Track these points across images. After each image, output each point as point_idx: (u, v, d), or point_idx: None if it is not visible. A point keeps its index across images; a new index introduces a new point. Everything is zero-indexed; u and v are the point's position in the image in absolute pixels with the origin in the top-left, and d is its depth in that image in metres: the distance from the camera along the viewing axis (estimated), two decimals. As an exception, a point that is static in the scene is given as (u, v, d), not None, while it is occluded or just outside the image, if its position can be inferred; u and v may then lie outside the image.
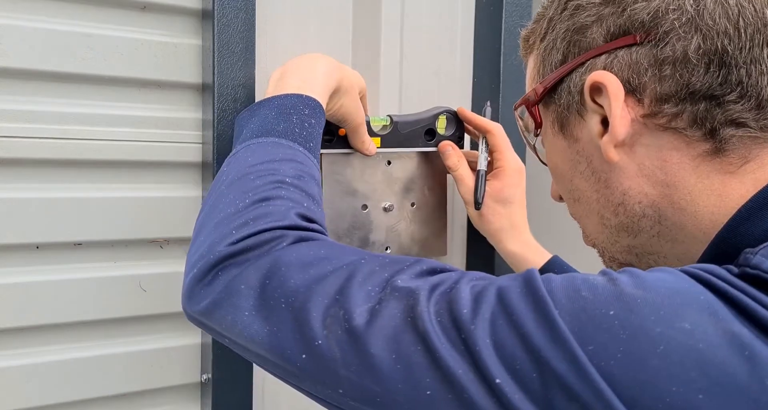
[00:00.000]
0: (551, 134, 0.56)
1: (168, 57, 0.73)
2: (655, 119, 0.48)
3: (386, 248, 0.86)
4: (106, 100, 0.71)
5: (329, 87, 0.67)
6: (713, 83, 0.46)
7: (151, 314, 0.75)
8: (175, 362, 0.76)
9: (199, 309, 0.51)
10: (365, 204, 0.84)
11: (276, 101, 0.63)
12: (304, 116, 0.63)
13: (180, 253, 0.76)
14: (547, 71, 0.54)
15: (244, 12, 0.73)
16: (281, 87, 0.65)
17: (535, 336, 0.38)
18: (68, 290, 0.70)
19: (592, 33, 0.50)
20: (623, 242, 0.54)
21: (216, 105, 0.72)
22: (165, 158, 0.74)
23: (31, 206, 0.68)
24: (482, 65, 0.92)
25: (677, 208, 0.49)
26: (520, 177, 0.83)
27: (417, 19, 0.88)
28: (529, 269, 0.42)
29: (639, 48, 0.48)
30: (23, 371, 0.69)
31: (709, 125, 0.47)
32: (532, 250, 0.82)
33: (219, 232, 0.52)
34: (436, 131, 0.84)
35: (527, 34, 0.58)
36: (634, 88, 0.48)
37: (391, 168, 0.85)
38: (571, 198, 0.57)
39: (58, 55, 0.68)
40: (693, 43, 0.46)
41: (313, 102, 0.64)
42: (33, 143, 0.67)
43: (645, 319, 0.37)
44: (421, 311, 0.41)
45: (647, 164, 0.49)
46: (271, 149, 0.59)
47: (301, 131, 0.62)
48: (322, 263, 0.48)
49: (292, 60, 0.70)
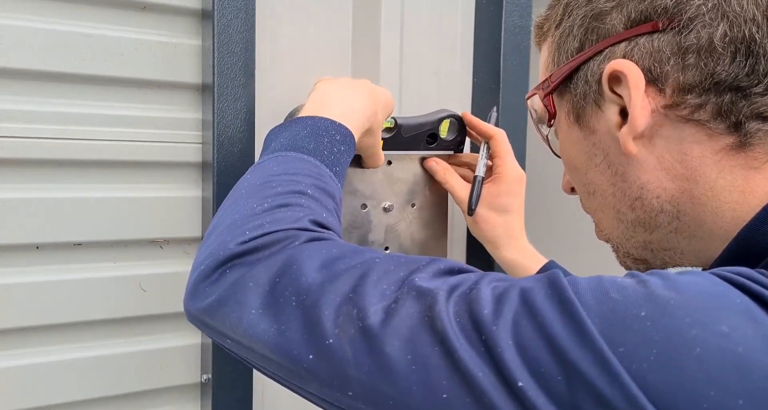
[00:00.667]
0: (566, 125, 0.54)
1: (168, 57, 0.73)
2: (676, 110, 0.46)
3: (385, 248, 0.86)
4: (105, 101, 0.71)
5: (363, 127, 0.66)
6: (739, 73, 0.44)
7: (151, 314, 0.75)
8: (175, 362, 0.76)
9: (203, 306, 0.49)
10: (365, 203, 0.84)
11: (310, 121, 0.62)
12: (335, 141, 0.61)
13: (180, 253, 0.76)
14: (563, 59, 0.52)
15: (244, 12, 0.73)
16: (319, 110, 0.64)
17: (561, 337, 0.36)
18: (68, 291, 0.70)
19: (611, 19, 0.48)
20: (639, 237, 0.52)
21: (216, 105, 0.72)
22: (165, 158, 0.74)
23: (31, 206, 0.68)
24: (482, 65, 0.92)
25: (697, 203, 0.47)
26: (519, 186, 0.82)
27: (417, 19, 0.87)
28: (553, 270, 0.41)
29: (661, 35, 0.46)
30: (23, 371, 0.69)
31: (734, 117, 0.45)
32: (527, 256, 0.81)
33: (232, 232, 0.51)
34: (438, 135, 0.83)
35: (541, 21, 0.56)
36: (655, 77, 0.46)
37: (391, 168, 0.85)
38: (586, 191, 0.55)
39: (58, 55, 0.68)
40: (719, 30, 0.44)
41: (347, 131, 0.63)
42: (33, 143, 0.67)
43: (679, 321, 0.35)
44: (439, 311, 0.40)
45: (667, 158, 0.48)
46: (297, 164, 0.58)
47: (329, 153, 0.60)
48: (336, 262, 0.46)
49: (336, 83, 0.68)
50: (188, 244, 0.76)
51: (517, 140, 0.91)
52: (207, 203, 0.74)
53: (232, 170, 0.74)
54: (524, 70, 0.92)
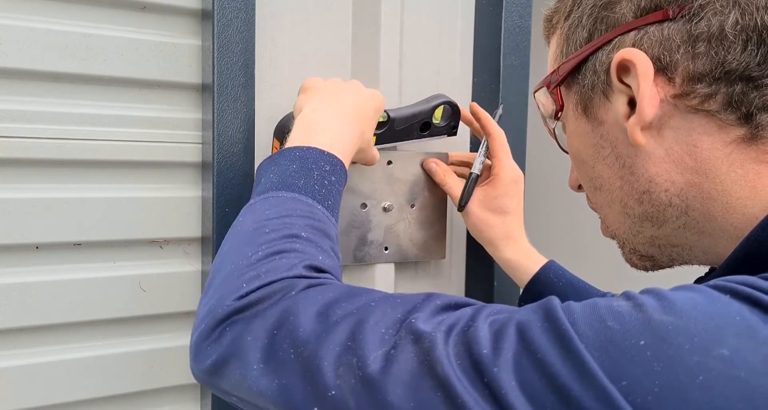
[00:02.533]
0: (573, 117, 0.53)
1: (168, 57, 0.73)
2: (686, 100, 0.45)
3: (385, 248, 0.86)
4: (105, 101, 0.71)
5: (353, 151, 0.66)
6: (751, 63, 0.43)
7: (151, 314, 0.75)
8: (175, 362, 0.76)
9: (206, 367, 0.48)
10: (364, 203, 0.84)
11: (299, 153, 0.61)
12: (324, 173, 0.60)
13: (180, 253, 0.76)
14: (571, 51, 0.51)
15: (244, 12, 0.73)
16: (307, 139, 0.63)
17: (562, 374, 0.35)
18: (68, 291, 0.70)
19: (621, 8, 0.47)
20: (646, 232, 0.51)
21: (216, 105, 0.72)
22: (165, 158, 0.74)
23: (31, 206, 0.68)
24: (482, 65, 0.92)
25: (706, 198, 0.46)
26: (516, 186, 0.81)
27: (417, 19, 0.88)
28: (549, 297, 0.40)
29: (671, 23, 0.45)
30: (23, 371, 0.69)
31: (745, 108, 0.44)
32: (527, 256, 0.80)
33: (229, 285, 0.50)
34: (431, 123, 0.82)
35: (550, 14, 0.55)
36: (664, 66, 0.45)
37: (391, 168, 0.85)
38: (592, 186, 0.54)
39: (57, 55, 0.68)
40: (730, 18, 0.43)
41: (336, 160, 0.62)
42: (33, 143, 0.67)
43: (679, 348, 0.35)
44: (439, 355, 0.39)
45: (676, 149, 0.46)
46: (289, 204, 0.57)
47: (320, 188, 0.60)
48: (333, 308, 0.46)
49: (323, 102, 0.67)
50: (188, 244, 0.76)
51: (518, 140, 0.91)
52: (207, 203, 0.74)
53: (232, 170, 0.74)
54: (524, 70, 0.92)
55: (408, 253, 0.88)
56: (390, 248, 0.87)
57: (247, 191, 0.75)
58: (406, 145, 0.84)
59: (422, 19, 0.88)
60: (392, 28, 0.86)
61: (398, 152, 0.86)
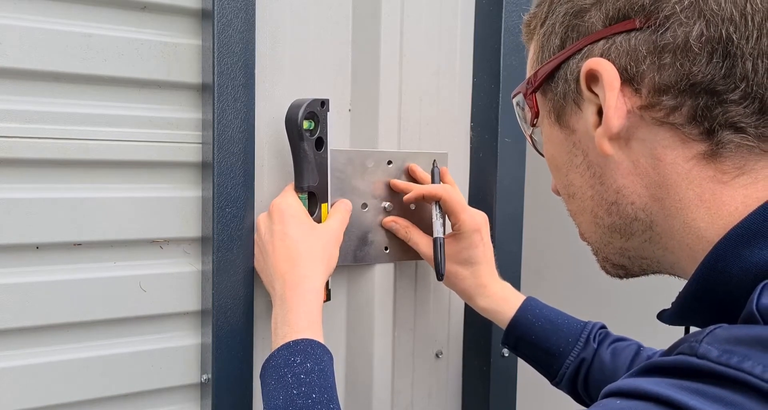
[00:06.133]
0: (548, 124, 0.53)
1: (168, 57, 0.73)
2: (652, 112, 0.45)
3: (385, 248, 0.86)
4: (105, 100, 0.71)
5: (323, 286, 0.72)
6: (716, 75, 0.42)
7: (151, 314, 0.75)
8: (175, 362, 0.76)
9: None
10: (365, 203, 0.84)
11: (280, 360, 0.65)
12: (304, 370, 0.64)
13: (180, 253, 0.76)
14: (546, 57, 0.51)
15: (244, 12, 0.73)
16: (289, 332, 0.67)
17: None
18: (68, 291, 0.70)
19: (590, 17, 0.47)
20: (616, 243, 0.51)
21: (216, 105, 0.72)
22: (165, 158, 0.74)
23: (31, 206, 0.68)
24: (482, 65, 0.92)
25: (668, 215, 0.46)
26: (479, 236, 0.83)
27: (417, 19, 0.88)
28: None
29: (638, 34, 0.44)
30: (23, 371, 0.69)
31: (708, 123, 0.43)
32: (502, 303, 0.82)
33: None
34: (303, 134, 0.74)
35: (529, 18, 0.55)
36: (631, 76, 0.45)
37: (391, 168, 0.85)
38: (566, 193, 0.54)
39: (58, 55, 0.67)
40: (695, 29, 0.42)
41: (311, 351, 0.65)
42: (33, 143, 0.67)
43: None
44: None
45: (642, 162, 0.46)
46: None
47: (299, 395, 0.62)
48: None
49: (288, 277, 0.71)
50: (188, 244, 0.76)
51: (518, 142, 0.91)
52: (207, 203, 0.74)
53: (231, 170, 0.74)
54: (524, 70, 0.92)
55: (408, 253, 0.88)
56: (390, 248, 0.87)
57: (247, 191, 0.75)
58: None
59: (422, 19, 0.88)
60: (392, 28, 0.86)
61: (398, 152, 0.86)
